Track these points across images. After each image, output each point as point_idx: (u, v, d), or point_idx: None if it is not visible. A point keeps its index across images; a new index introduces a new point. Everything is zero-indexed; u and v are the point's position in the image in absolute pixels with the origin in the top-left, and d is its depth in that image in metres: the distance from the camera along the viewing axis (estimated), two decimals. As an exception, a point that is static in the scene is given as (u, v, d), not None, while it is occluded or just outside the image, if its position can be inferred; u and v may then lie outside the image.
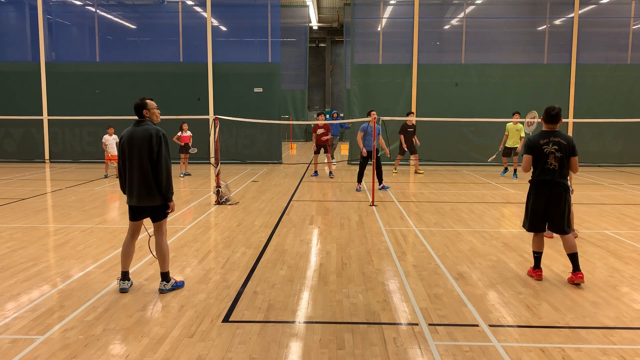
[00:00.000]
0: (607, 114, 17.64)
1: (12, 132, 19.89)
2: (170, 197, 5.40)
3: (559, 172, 5.76)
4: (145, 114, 5.45)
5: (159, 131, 5.34)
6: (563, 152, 5.74)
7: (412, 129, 15.81)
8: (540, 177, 5.82)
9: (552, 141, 5.76)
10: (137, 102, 5.49)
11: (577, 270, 5.73)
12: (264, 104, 19.54)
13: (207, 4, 19.56)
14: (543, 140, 5.80)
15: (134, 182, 5.33)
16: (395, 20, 21.20)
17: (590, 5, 19.86)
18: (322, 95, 40.50)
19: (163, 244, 5.48)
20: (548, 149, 5.75)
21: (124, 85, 19.55)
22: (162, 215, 5.47)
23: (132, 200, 5.39)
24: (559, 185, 5.77)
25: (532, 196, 5.93)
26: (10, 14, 21.22)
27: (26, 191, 12.51)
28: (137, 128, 5.37)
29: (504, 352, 4.11)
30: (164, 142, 5.31)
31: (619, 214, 9.79)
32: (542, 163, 5.79)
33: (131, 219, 5.52)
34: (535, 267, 6.07)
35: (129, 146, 5.33)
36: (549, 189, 5.78)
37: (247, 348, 4.17)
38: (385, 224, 8.96)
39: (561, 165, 5.75)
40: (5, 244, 7.48)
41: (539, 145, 5.79)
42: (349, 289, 5.58)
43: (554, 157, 5.75)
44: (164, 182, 5.30)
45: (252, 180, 14.89)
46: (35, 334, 4.40)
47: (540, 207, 5.85)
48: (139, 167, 5.29)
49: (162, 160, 5.27)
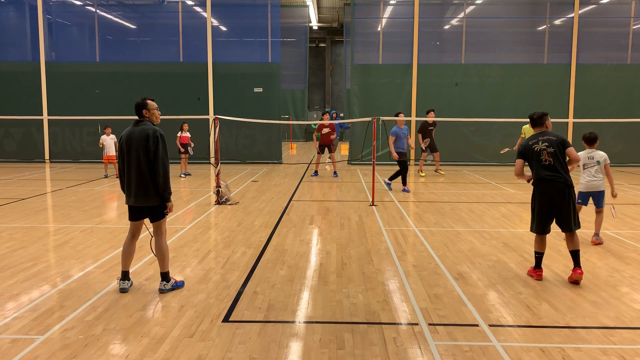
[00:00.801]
0: (607, 114, 17.64)
1: (12, 132, 19.90)
2: (168, 197, 5.39)
3: (557, 167, 5.78)
4: (145, 114, 5.45)
5: (157, 131, 5.33)
6: (555, 146, 5.80)
7: (432, 127, 15.45)
8: (540, 174, 5.84)
9: (540, 140, 5.89)
10: (138, 101, 5.49)
11: (578, 267, 5.78)
12: (264, 104, 19.55)
13: (207, 4, 19.56)
14: (532, 141, 5.94)
15: (131, 182, 5.33)
16: (395, 20, 21.20)
17: (590, 5, 19.86)
18: (322, 95, 40.50)
19: (162, 244, 5.48)
20: (538, 146, 5.86)
21: (124, 85, 19.57)
22: (160, 215, 5.46)
23: (130, 200, 5.40)
24: (560, 182, 5.76)
25: (536, 196, 5.94)
26: (10, 14, 21.21)
27: (26, 191, 12.51)
28: (135, 128, 5.37)
29: (504, 352, 4.11)
30: (161, 142, 5.30)
31: (619, 214, 9.78)
32: (537, 161, 5.85)
33: (130, 219, 5.53)
34: (535, 267, 6.07)
35: (127, 146, 5.33)
36: (552, 186, 5.78)
37: (247, 348, 4.17)
38: (385, 224, 8.96)
39: (556, 160, 5.78)
40: (5, 244, 7.48)
41: (528, 146, 5.93)
42: (349, 289, 5.58)
43: (547, 152, 5.81)
44: (161, 182, 5.29)
45: (252, 180, 14.89)
46: (35, 334, 4.40)
47: (545, 205, 5.85)
48: (136, 167, 5.29)
49: (159, 161, 5.26)
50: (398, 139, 12.35)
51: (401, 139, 12.36)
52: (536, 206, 5.94)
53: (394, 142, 12.36)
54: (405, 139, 12.46)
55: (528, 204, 11.14)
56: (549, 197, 5.81)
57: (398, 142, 12.35)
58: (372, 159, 11.61)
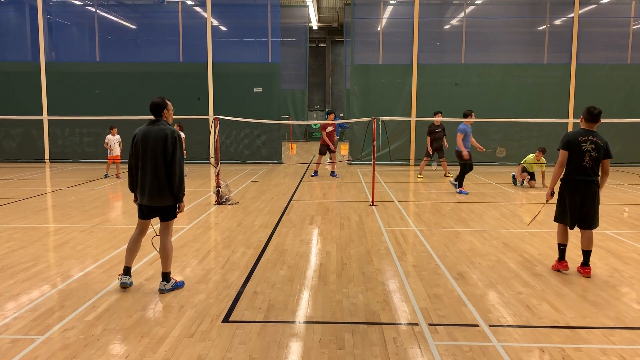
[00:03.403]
0: (607, 114, 17.46)
1: (12, 132, 19.89)
2: (182, 197, 5.41)
3: (593, 171, 5.89)
4: (164, 114, 5.44)
5: (175, 132, 5.32)
6: (599, 152, 5.86)
7: (440, 130, 15.02)
8: (575, 174, 5.91)
9: (590, 140, 5.88)
10: (158, 101, 5.43)
11: (587, 265, 5.95)
12: (264, 104, 19.54)
13: (207, 4, 19.56)
14: (582, 137, 5.90)
15: (146, 181, 5.31)
16: (395, 20, 21.20)
17: (590, 5, 19.86)
18: (322, 95, 40.50)
19: (168, 244, 5.49)
20: (586, 146, 5.86)
21: (124, 85, 19.58)
22: (172, 215, 5.47)
23: (143, 200, 5.37)
24: (594, 184, 5.92)
25: (567, 193, 6.01)
26: (10, 14, 21.22)
27: (26, 191, 12.51)
28: (152, 127, 5.33)
29: (504, 352, 4.11)
30: (178, 143, 5.31)
31: (619, 214, 9.79)
32: (579, 160, 5.88)
33: (140, 217, 5.53)
34: (560, 259, 6.22)
35: (143, 145, 5.30)
36: (586, 187, 5.91)
37: (247, 348, 4.17)
38: (385, 224, 8.96)
39: (595, 164, 5.88)
40: (5, 244, 7.47)
41: (578, 142, 5.89)
42: (349, 289, 5.58)
43: (590, 155, 5.86)
44: (177, 183, 5.30)
45: (252, 180, 14.89)
46: (35, 334, 4.40)
47: (576, 204, 5.97)
48: (152, 167, 5.27)
49: (176, 162, 5.27)
50: (466, 137, 12.16)
51: (468, 136, 12.17)
52: (568, 202, 6.02)
53: (463, 139, 12.06)
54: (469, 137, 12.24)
55: (528, 204, 11.19)
56: (581, 198, 5.94)
57: (466, 141, 12.15)
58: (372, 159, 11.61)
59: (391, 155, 17.73)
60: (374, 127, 11.42)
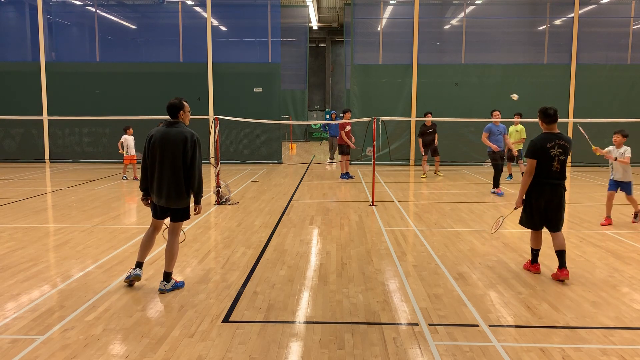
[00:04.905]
0: (607, 114, 17.61)
1: (12, 132, 19.89)
2: (200, 199, 5.43)
3: (561, 174, 5.87)
4: (181, 116, 5.42)
5: (194, 135, 5.32)
6: (565, 154, 5.84)
7: (431, 130, 15.11)
8: (544, 179, 5.85)
9: (557, 144, 5.81)
10: (175, 102, 5.41)
11: (564, 267, 5.83)
12: (264, 104, 19.54)
13: (207, 4, 19.56)
14: (549, 144, 5.80)
15: (163, 183, 5.30)
16: (395, 20, 21.21)
17: (590, 5, 19.87)
18: (322, 95, 40.50)
19: (174, 245, 5.50)
20: (554, 152, 5.79)
21: (124, 85, 19.58)
22: (186, 216, 5.49)
23: (160, 201, 5.36)
24: (560, 187, 5.89)
25: (532, 196, 5.95)
26: (10, 14, 21.23)
27: (26, 191, 12.51)
28: (170, 129, 5.31)
29: (504, 352, 4.11)
30: (198, 146, 5.31)
31: (619, 214, 9.78)
32: (547, 166, 5.82)
33: (154, 216, 5.56)
34: (532, 261, 6.20)
35: (162, 147, 5.27)
36: (552, 191, 5.86)
37: (247, 348, 4.17)
38: (385, 224, 8.96)
39: (562, 167, 5.85)
40: (5, 244, 7.47)
41: (545, 148, 5.80)
42: (349, 289, 5.58)
43: (558, 160, 5.81)
44: (196, 186, 5.32)
45: (252, 180, 14.89)
46: (35, 334, 4.40)
47: (541, 206, 5.91)
48: (171, 169, 5.26)
49: (196, 165, 5.28)
50: (492, 136, 12.15)
51: (495, 135, 12.16)
52: (533, 206, 5.97)
53: (488, 138, 12.12)
54: (501, 137, 12.25)
55: (528, 204, 11.18)
56: (547, 200, 5.88)
57: (492, 139, 12.12)
58: (372, 159, 11.61)
59: (391, 156, 17.74)
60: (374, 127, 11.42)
